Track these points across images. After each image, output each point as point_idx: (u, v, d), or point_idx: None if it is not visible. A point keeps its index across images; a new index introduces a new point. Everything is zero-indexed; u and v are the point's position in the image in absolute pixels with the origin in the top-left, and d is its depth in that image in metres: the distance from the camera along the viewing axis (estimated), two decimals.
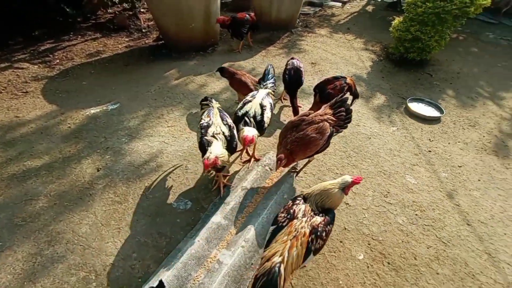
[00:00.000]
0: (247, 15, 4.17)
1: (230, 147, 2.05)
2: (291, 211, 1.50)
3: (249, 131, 2.10)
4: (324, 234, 1.44)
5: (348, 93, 3.06)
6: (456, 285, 1.87)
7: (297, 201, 1.55)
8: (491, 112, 3.56)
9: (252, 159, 2.59)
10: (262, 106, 2.29)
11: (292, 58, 3.23)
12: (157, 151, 2.68)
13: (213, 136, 2.00)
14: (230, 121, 2.20)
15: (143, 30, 5.10)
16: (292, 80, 3.04)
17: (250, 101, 2.31)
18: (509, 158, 2.91)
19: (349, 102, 2.28)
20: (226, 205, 2.13)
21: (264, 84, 2.52)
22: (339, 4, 7.01)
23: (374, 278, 1.86)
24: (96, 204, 2.21)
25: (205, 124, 2.11)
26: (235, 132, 2.15)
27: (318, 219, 1.47)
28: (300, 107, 3.27)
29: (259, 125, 2.22)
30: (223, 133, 2.06)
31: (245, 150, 2.70)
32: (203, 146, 1.96)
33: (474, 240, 2.14)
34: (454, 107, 3.58)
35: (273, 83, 2.55)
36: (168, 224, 2.08)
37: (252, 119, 2.20)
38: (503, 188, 2.58)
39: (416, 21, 4.10)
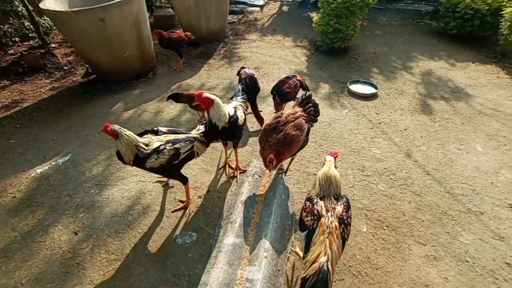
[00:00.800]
0: (182, 35, 4.13)
1: (138, 158, 1.93)
2: (315, 211, 1.60)
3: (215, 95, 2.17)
4: (349, 219, 1.60)
5: (300, 88, 3.34)
6: (438, 224, 2.26)
7: (315, 200, 1.66)
8: (408, 80, 4.31)
9: (238, 171, 2.62)
10: (235, 108, 2.38)
11: (243, 68, 3.35)
12: (137, 192, 2.48)
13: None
14: (169, 147, 2.00)
15: (65, 68, 4.55)
16: (250, 88, 3.15)
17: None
18: (433, 113, 3.58)
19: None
20: (233, 223, 2.13)
21: (235, 98, 2.59)
22: (258, 8, 7.44)
23: (381, 242, 2.11)
24: (90, 271, 1.95)
25: (151, 128, 2.16)
26: (156, 158, 1.96)
27: (340, 209, 1.61)
28: (261, 111, 3.42)
29: (233, 120, 2.26)
30: (144, 145, 1.96)
31: (227, 165, 2.71)
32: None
33: (436, 185, 2.61)
34: (382, 82, 4.22)
35: (244, 99, 2.63)
36: (181, 262, 1.97)
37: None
38: (437, 138, 3.18)
39: (332, 15, 4.68)
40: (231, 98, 2.64)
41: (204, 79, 4.23)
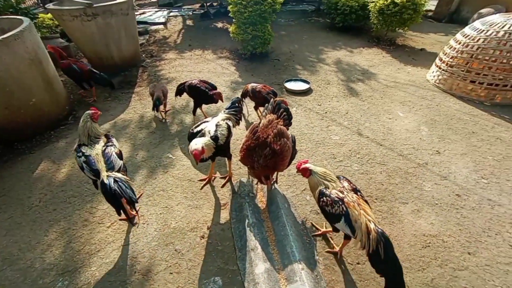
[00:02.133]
0: (74, 66, 3.57)
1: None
2: (336, 199, 1.74)
3: (196, 143, 2.05)
4: (356, 186, 1.87)
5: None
6: (407, 183, 2.71)
7: (327, 192, 1.79)
8: (328, 71, 4.95)
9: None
10: (217, 125, 2.33)
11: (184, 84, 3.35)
12: (125, 260, 2.04)
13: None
14: (82, 158, 2.00)
15: None
16: (199, 97, 3.33)
17: (207, 121, 2.37)
18: (359, 94, 4.23)
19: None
20: (254, 250, 2.02)
21: (224, 110, 2.56)
22: (161, 26, 7.09)
23: (379, 214, 2.40)
24: None
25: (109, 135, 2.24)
26: (75, 156, 2.05)
27: (346, 184, 1.85)
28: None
29: (214, 139, 2.23)
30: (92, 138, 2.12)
31: (209, 180, 2.60)
32: None
33: (390, 152, 3.11)
34: (309, 76, 4.70)
35: (235, 111, 2.56)
36: None
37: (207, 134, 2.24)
38: (372, 113, 3.78)
39: (247, 23, 4.92)
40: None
41: (140, 110, 3.78)
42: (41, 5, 7.48)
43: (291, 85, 4.32)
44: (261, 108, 3.58)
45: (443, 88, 4.32)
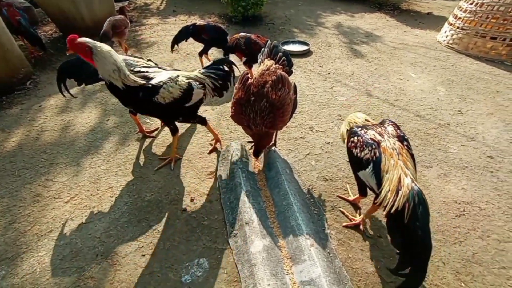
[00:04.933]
0: (3, 9, 3.07)
1: None
2: (369, 141, 1.31)
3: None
4: (405, 134, 1.41)
5: None
6: (428, 145, 2.30)
7: (361, 132, 1.36)
8: (328, 33, 4.43)
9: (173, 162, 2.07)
10: (172, 78, 1.78)
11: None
12: (86, 240, 1.59)
13: None
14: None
15: None
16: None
17: (165, 69, 1.90)
18: (364, 56, 3.75)
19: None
20: (249, 224, 1.58)
21: (200, 70, 1.99)
22: None
23: None
24: None
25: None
26: None
27: (391, 128, 1.40)
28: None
29: (145, 89, 1.68)
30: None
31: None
32: None
33: (405, 112, 2.68)
34: (308, 39, 4.19)
35: (215, 74, 1.98)
36: None
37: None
38: (381, 74, 3.33)
39: None
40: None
41: None
42: None
43: (288, 47, 3.82)
44: (256, 66, 3.10)
45: (457, 48, 3.87)
